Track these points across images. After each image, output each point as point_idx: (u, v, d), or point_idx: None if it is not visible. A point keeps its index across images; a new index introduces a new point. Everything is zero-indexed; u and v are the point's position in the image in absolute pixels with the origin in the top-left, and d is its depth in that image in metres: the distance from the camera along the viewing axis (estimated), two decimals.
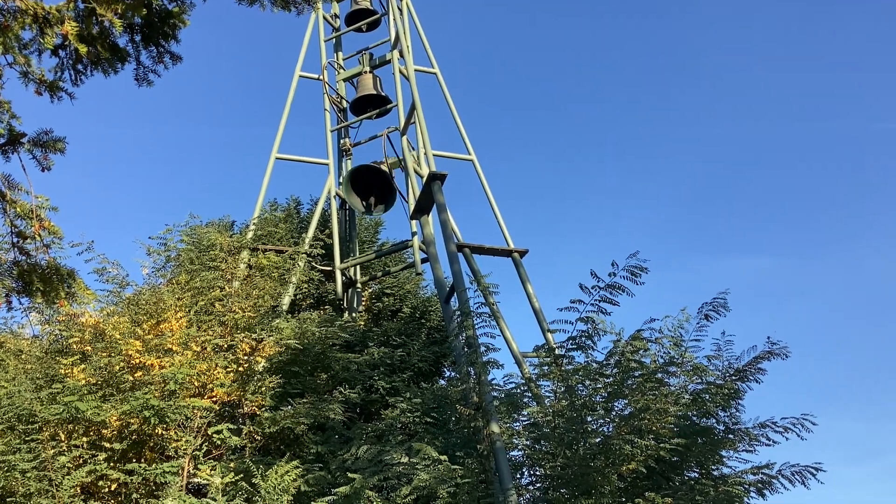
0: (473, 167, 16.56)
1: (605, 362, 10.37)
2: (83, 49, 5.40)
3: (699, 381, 10.89)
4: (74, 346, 11.85)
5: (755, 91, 51.00)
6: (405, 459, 10.18)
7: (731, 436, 10.77)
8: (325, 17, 18.10)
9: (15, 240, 6.19)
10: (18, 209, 6.06)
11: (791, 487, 10.38)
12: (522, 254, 14.99)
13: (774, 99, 50.89)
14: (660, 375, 10.42)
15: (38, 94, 5.87)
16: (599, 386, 10.29)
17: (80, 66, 6.03)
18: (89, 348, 11.67)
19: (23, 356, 12.49)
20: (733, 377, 10.99)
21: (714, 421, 10.92)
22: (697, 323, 11.03)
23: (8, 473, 9.77)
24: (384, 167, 16.12)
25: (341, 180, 16.52)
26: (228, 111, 56.04)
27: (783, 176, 51.49)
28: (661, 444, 9.50)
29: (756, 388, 11.08)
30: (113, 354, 11.16)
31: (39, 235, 6.11)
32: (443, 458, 9.83)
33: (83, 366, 11.29)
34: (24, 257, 6.20)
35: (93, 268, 12.96)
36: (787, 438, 10.66)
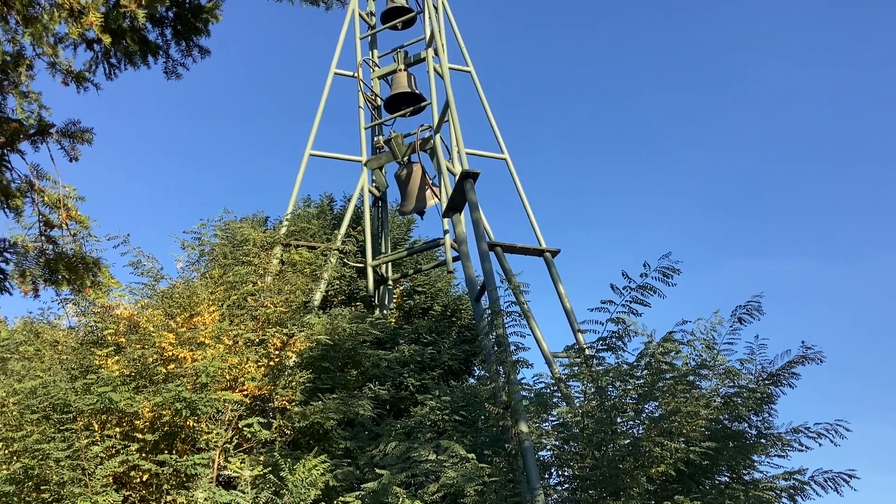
0: (506, 166, 16.54)
1: (635, 364, 10.27)
2: (107, 40, 5.47)
3: (731, 384, 10.73)
4: (109, 338, 12.02)
5: (796, 89, 50.23)
6: (433, 457, 10.18)
7: (763, 440, 10.58)
8: (360, 15, 18.16)
9: (42, 228, 6.30)
10: (46, 199, 6.18)
11: (824, 494, 10.19)
12: (554, 253, 14.90)
13: (816, 97, 50.09)
14: (691, 378, 10.29)
15: (65, 84, 5.96)
16: (629, 387, 10.19)
17: (113, 60, 6.13)
18: (123, 340, 11.82)
19: (59, 347, 12.69)
20: (766, 381, 10.81)
21: (746, 425, 10.75)
22: (730, 326, 10.87)
23: (42, 462, 9.93)
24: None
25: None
26: (264, 107, 56.55)
27: (821, 177, 50.65)
28: (692, 448, 9.38)
29: (790, 392, 10.90)
30: (146, 346, 11.30)
31: (66, 225, 6.23)
32: (471, 456, 9.81)
33: (117, 357, 11.45)
34: (50, 246, 6.31)
35: (128, 261, 13.18)
36: (820, 444, 10.45)
